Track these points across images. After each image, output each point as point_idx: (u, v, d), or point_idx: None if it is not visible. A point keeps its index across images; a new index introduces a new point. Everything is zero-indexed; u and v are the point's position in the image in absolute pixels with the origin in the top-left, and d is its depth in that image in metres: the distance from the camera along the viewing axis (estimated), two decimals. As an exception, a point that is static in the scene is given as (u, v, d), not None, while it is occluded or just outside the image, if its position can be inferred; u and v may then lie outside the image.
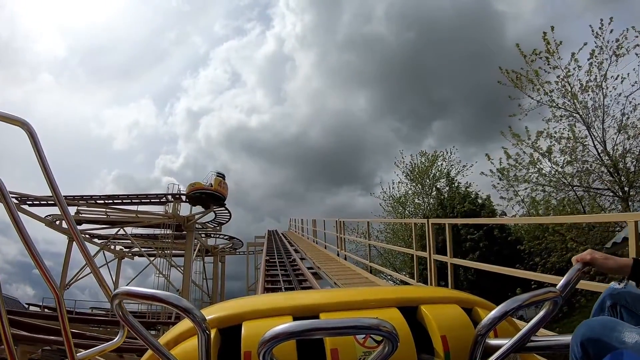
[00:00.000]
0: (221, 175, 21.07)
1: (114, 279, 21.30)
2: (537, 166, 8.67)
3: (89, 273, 18.62)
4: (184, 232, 19.82)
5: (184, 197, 19.81)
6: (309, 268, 8.69)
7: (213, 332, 0.83)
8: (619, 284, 0.99)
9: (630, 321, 0.88)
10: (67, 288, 18.15)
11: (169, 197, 19.79)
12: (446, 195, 12.45)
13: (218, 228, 23.46)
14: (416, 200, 15.42)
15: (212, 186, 20.00)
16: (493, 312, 0.80)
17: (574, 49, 8.06)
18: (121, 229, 19.40)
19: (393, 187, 16.08)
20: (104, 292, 1.01)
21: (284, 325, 0.61)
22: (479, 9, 43.62)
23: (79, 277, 18.71)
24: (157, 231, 20.07)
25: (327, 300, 0.98)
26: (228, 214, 21.89)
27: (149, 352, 0.82)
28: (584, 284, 2.41)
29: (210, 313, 0.90)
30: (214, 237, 25.12)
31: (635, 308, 0.94)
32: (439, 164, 15.28)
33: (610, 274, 1.06)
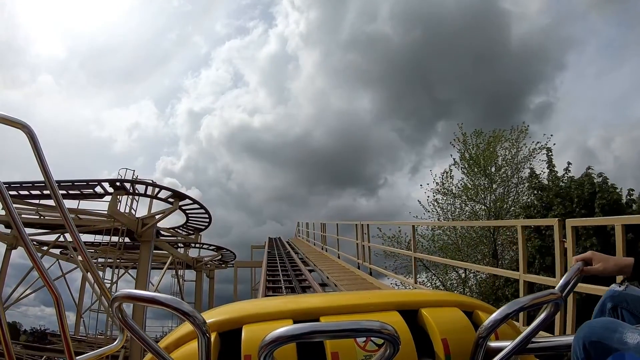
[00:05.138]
0: None
1: (75, 296, 17.72)
2: None
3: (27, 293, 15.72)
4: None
5: (131, 187, 12.80)
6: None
7: (213, 336, 0.85)
8: (620, 286, 1.02)
9: (631, 322, 0.91)
10: (6, 309, 14.42)
11: (106, 185, 12.76)
12: (550, 183, 8.74)
13: (192, 235, 18.18)
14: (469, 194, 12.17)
15: None
16: (494, 314, 0.82)
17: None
18: (61, 236, 14.38)
19: (448, 177, 12.62)
20: (103, 296, 1.02)
21: (285, 328, 0.64)
22: (484, 7, 43.83)
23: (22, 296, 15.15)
24: (114, 238, 13.42)
25: (327, 304, 1.01)
26: (207, 217, 16.43)
27: (149, 355, 0.84)
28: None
29: (211, 317, 0.92)
30: (196, 247, 19.97)
31: (636, 309, 0.98)
32: (505, 145, 11.93)
33: (611, 275, 1.10)
